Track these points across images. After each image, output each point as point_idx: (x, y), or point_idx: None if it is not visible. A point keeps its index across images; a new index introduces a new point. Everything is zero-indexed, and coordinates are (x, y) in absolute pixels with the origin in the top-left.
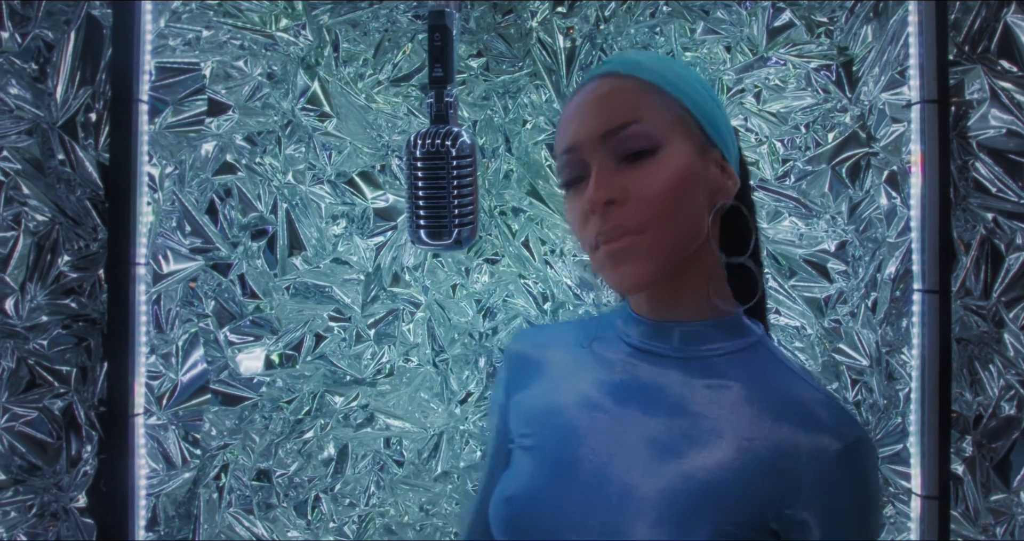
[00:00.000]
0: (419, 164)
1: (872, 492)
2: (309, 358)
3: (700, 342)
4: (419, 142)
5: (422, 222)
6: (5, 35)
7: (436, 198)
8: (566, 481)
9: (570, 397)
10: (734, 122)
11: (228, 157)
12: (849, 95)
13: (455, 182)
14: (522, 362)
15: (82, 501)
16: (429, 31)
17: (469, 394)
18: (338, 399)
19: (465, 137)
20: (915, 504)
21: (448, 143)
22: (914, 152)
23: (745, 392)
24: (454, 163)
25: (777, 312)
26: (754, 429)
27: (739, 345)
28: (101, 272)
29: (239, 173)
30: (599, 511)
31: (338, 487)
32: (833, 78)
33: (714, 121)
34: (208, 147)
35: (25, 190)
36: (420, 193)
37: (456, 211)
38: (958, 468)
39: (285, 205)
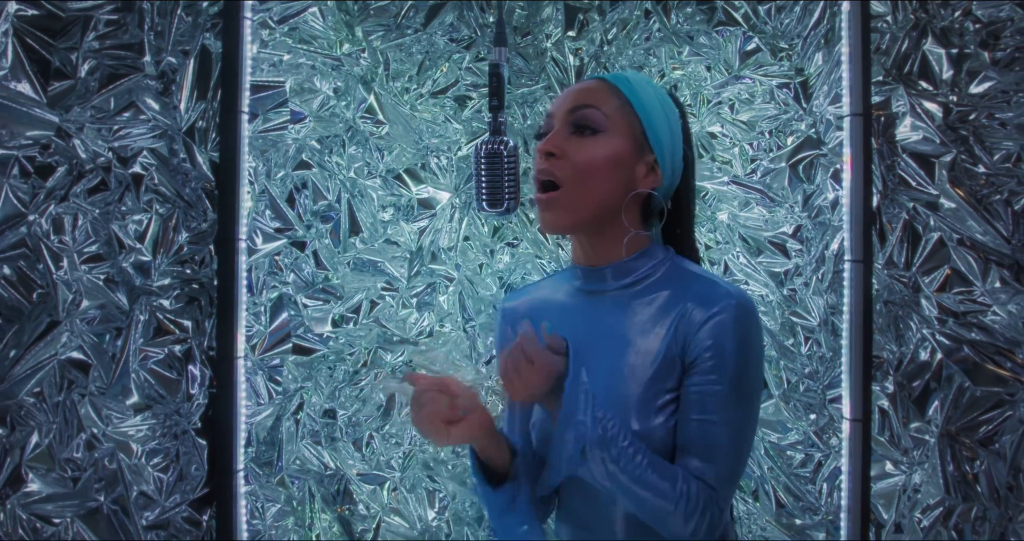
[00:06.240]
0: (483, 160)
1: (751, 337)
2: (365, 320)
3: (626, 274)
4: (484, 146)
5: (485, 197)
6: (147, 59)
7: (494, 182)
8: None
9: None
10: (713, 128)
11: (304, 156)
12: (804, 107)
13: (507, 171)
14: (515, 316)
15: (197, 424)
16: (489, 76)
17: (493, 356)
18: (388, 355)
19: (512, 143)
20: (844, 426)
21: (502, 147)
22: (845, 154)
23: (664, 294)
24: (506, 160)
25: (746, 283)
26: (672, 315)
27: (654, 266)
28: (211, 246)
29: (312, 169)
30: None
31: (386, 428)
32: (792, 93)
33: (657, 133)
34: (289, 148)
35: (156, 181)
36: (484, 179)
37: (507, 190)
38: (884, 403)
39: (347, 196)
